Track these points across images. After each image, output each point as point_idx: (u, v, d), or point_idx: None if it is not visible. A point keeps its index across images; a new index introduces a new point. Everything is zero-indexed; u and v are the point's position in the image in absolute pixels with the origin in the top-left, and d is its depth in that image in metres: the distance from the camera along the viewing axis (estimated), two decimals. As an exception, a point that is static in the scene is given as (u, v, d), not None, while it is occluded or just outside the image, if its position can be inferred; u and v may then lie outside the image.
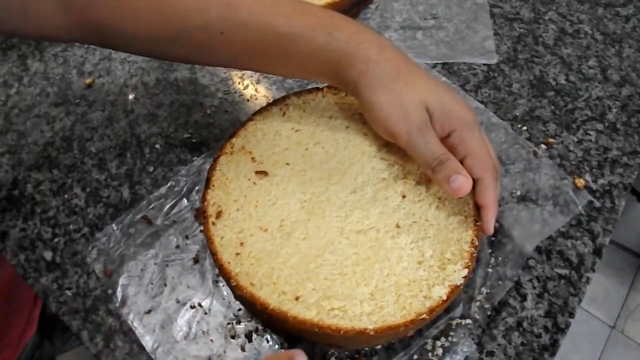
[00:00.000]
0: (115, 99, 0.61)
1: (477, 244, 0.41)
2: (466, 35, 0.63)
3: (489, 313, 0.43)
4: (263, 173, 0.46)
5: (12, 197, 0.55)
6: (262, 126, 0.49)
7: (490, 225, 0.41)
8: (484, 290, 0.44)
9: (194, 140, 0.57)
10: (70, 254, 0.50)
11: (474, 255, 0.40)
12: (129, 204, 0.53)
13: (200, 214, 0.45)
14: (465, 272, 0.39)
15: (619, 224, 0.49)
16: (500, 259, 0.46)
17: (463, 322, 0.43)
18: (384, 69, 0.41)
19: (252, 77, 0.62)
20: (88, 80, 0.63)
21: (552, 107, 0.57)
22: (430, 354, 0.42)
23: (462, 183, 0.39)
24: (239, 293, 0.40)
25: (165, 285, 0.47)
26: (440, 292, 0.38)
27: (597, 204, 0.49)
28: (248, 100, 0.59)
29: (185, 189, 0.52)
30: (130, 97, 0.62)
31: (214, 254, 0.42)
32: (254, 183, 0.45)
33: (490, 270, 0.45)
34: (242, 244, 0.42)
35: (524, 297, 0.45)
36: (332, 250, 0.41)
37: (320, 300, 0.39)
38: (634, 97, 0.57)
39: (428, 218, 0.42)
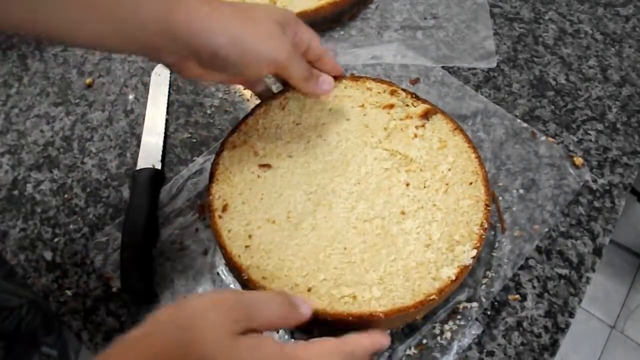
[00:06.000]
0: (115, 99, 0.61)
1: (486, 226, 0.41)
2: (466, 35, 0.63)
3: (495, 296, 0.44)
4: (267, 166, 0.46)
5: (12, 197, 0.55)
6: (263, 121, 0.49)
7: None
8: (489, 273, 0.45)
9: (194, 140, 0.57)
10: (70, 254, 0.50)
11: (483, 237, 0.41)
12: (129, 204, 0.53)
13: (206, 208, 0.45)
14: (474, 252, 0.40)
15: (619, 224, 0.49)
16: (501, 252, 0.46)
17: (469, 305, 0.44)
18: (225, 12, 0.39)
19: (252, 77, 0.62)
20: (88, 80, 0.63)
21: (552, 107, 0.57)
22: (439, 337, 0.43)
23: (329, 80, 0.46)
24: (250, 287, 0.40)
25: (172, 281, 0.47)
26: (449, 273, 0.39)
27: (597, 198, 0.50)
28: (248, 100, 0.59)
29: (185, 189, 0.52)
30: (130, 97, 0.62)
31: (222, 247, 0.42)
32: (258, 176, 0.45)
33: (494, 254, 0.46)
34: (250, 236, 0.42)
35: (524, 297, 0.45)
36: (340, 239, 0.41)
37: (330, 289, 0.39)
38: (634, 97, 0.57)
39: (435, 202, 0.43)
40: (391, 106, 0.49)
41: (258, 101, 0.51)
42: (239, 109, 0.59)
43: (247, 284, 0.40)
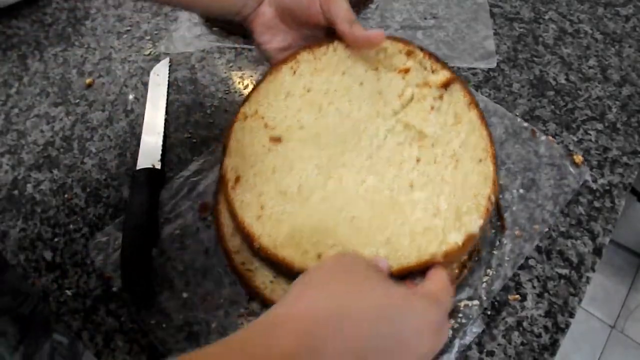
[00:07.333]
0: (115, 99, 0.62)
1: (493, 200, 0.41)
2: (466, 34, 0.63)
3: (495, 296, 0.44)
4: (277, 140, 0.46)
5: (12, 197, 0.55)
6: (273, 87, 0.48)
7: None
8: (490, 272, 0.45)
9: (194, 140, 0.57)
10: (70, 254, 0.50)
11: (490, 210, 0.41)
12: (129, 203, 0.53)
13: (220, 180, 0.46)
14: (481, 222, 0.40)
15: (619, 224, 0.49)
16: (501, 251, 0.46)
17: (470, 303, 0.44)
18: None
19: (252, 76, 0.62)
20: (88, 80, 0.63)
21: (552, 106, 0.57)
22: None
23: (379, 31, 0.46)
24: (263, 255, 0.41)
25: (172, 281, 0.47)
26: (457, 238, 0.39)
27: (597, 198, 0.50)
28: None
29: (185, 189, 0.52)
30: (130, 97, 0.62)
31: (235, 217, 0.43)
32: (269, 149, 0.46)
33: (495, 252, 0.46)
34: (262, 207, 0.43)
35: (524, 297, 0.45)
36: (349, 209, 0.42)
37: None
38: (634, 97, 0.57)
39: (444, 177, 0.43)
40: (407, 70, 0.47)
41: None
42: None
43: (258, 252, 0.41)
